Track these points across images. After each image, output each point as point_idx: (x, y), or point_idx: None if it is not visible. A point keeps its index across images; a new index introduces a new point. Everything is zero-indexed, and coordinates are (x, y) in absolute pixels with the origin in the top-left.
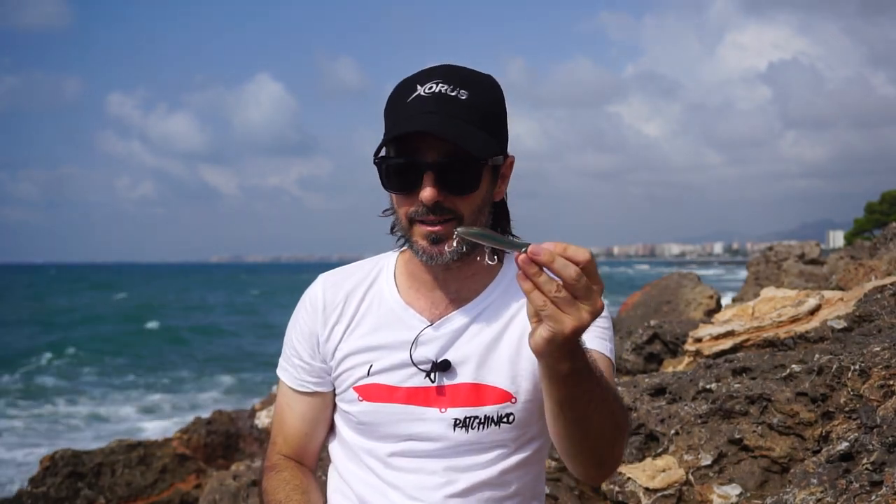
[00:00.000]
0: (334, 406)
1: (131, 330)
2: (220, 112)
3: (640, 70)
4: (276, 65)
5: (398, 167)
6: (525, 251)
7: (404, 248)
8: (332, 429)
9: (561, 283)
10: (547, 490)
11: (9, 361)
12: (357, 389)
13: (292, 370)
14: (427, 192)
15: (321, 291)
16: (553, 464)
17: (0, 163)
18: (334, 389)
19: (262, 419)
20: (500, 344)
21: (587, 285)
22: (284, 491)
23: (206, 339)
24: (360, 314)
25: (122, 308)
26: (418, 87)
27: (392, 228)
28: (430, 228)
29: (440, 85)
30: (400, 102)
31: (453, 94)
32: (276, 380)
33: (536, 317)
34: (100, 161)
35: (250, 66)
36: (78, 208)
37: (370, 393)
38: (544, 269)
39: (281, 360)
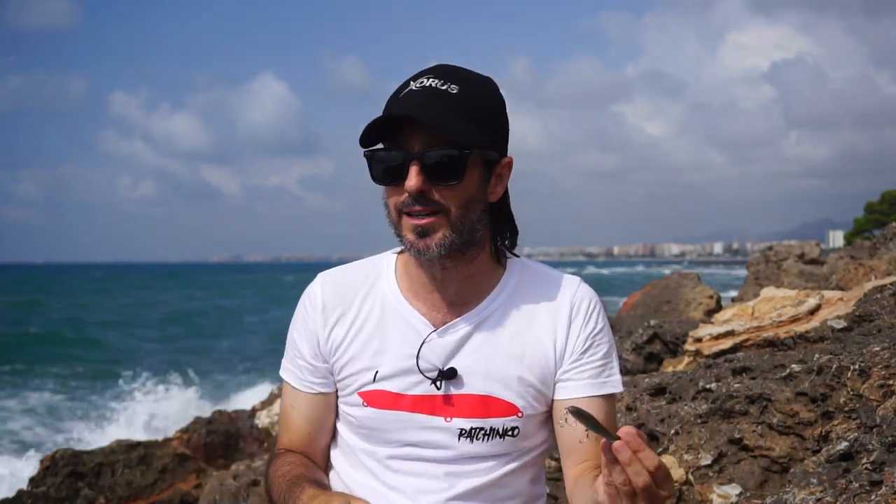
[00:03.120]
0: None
1: None
2: (223, 112)
3: (644, 69)
4: (280, 63)
5: (384, 158)
6: (611, 443)
7: (402, 248)
8: (332, 430)
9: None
10: (547, 490)
11: None
12: (362, 395)
13: (296, 370)
14: (411, 181)
15: (320, 291)
16: (553, 464)
17: (2, 162)
18: (337, 390)
19: (262, 419)
20: (507, 356)
21: (653, 493)
22: (288, 465)
23: None
24: (363, 316)
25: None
26: (411, 83)
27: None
28: (415, 221)
29: (431, 80)
30: (392, 98)
31: (444, 87)
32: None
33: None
34: (101, 161)
35: (254, 65)
36: (79, 208)
37: (375, 399)
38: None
39: (284, 361)
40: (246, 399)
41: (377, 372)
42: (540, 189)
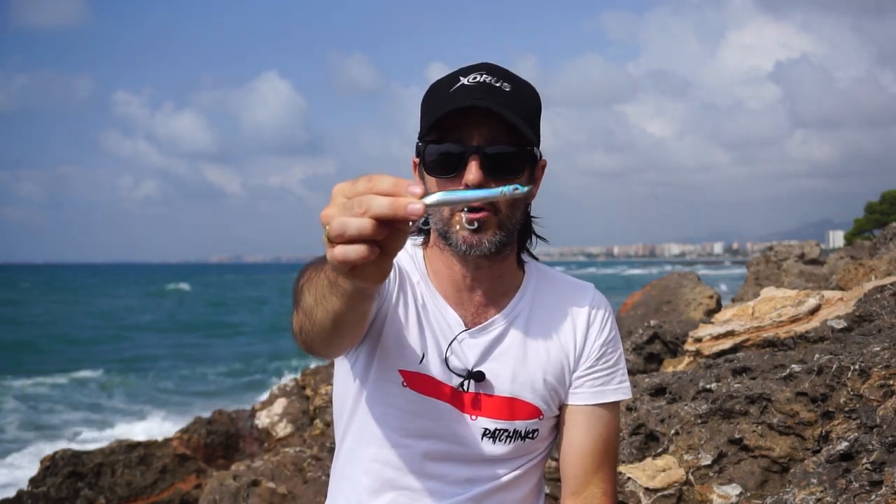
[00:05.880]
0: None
1: None
2: (226, 111)
3: (649, 69)
4: (284, 62)
5: (443, 151)
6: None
7: (426, 241)
8: (336, 430)
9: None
10: (547, 490)
11: None
12: (403, 373)
13: None
14: (473, 174)
15: None
16: (553, 464)
17: (4, 162)
18: (364, 348)
19: (262, 419)
20: (533, 360)
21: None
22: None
23: None
24: (415, 298)
25: None
26: (461, 78)
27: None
28: (471, 216)
29: (484, 76)
30: (442, 92)
31: (497, 84)
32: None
33: None
34: (104, 160)
35: (258, 64)
36: (80, 208)
37: (416, 381)
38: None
39: None
40: None
41: (424, 355)
42: (541, 189)
